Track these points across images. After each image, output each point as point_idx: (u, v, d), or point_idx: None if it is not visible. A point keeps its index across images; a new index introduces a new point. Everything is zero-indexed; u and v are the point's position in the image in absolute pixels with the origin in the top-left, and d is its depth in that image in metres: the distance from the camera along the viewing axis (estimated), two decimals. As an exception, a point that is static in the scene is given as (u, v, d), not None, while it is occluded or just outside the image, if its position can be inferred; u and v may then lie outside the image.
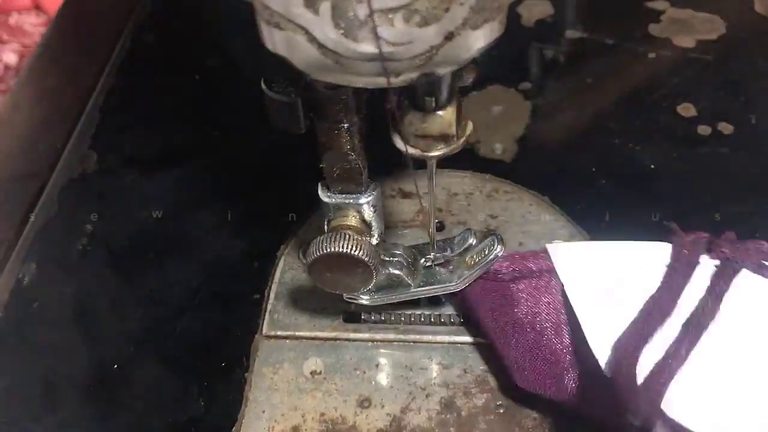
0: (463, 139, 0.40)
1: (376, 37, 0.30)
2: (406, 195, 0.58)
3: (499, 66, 0.68)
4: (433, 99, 0.37)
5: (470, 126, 0.40)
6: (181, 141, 0.65)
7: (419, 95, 0.37)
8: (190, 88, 0.70)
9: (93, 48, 0.76)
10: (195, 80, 0.70)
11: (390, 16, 0.29)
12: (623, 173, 0.59)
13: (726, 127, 0.61)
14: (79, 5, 0.84)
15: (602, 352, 0.41)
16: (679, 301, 0.42)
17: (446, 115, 0.38)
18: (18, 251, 0.58)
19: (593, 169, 0.60)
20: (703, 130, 0.61)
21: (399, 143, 0.39)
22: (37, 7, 1.54)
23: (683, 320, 0.41)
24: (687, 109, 0.63)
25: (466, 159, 0.60)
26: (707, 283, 0.42)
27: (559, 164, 0.61)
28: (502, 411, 0.46)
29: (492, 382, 0.47)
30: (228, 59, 0.72)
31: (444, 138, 0.39)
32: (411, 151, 0.39)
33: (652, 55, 0.68)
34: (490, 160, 0.60)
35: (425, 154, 0.40)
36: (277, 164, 0.60)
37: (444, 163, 0.40)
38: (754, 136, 0.61)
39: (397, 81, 0.32)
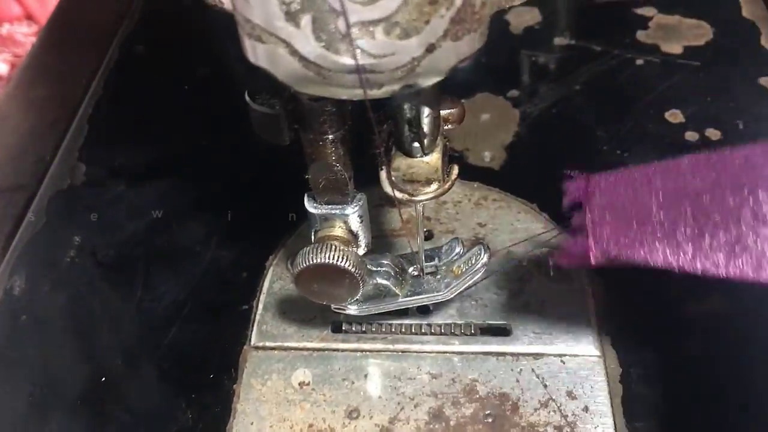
0: (449, 184, 0.41)
1: (355, 49, 0.30)
2: (393, 204, 0.58)
3: (487, 74, 0.68)
4: (420, 145, 0.38)
5: (456, 170, 0.41)
6: (170, 152, 0.65)
7: (405, 142, 0.38)
8: (178, 99, 0.70)
9: (82, 59, 0.76)
10: (183, 91, 0.70)
11: (371, 28, 0.30)
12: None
13: (714, 133, 0.61)
14: (68, 16, 0.84)
15: None
16: None
17: (432, 161, 0.39)
18: (6, 263, 0.58)
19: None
20: (691, 135, 0.61)
21: (387, 187, 0.40)
22: (29, 18, 1.54)
23: None
24: (675, 116, 0.63)
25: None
26: None
27: (547, 172, 0.61)
28: (490, 420, 0.46)
29: (481, 391, 0.47)
30: (216, 70, 0.72)
31: (430, 182, 0.40)
32: (398, 195, 0.40)
33: (640, 62, 0.68)
34: (478, 168, 0.60)
35: (412, 198, 0.40)
36: (266, 175, 0.60)
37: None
38: (742, 142, 0.61)
39: (379, 93, 0.33)
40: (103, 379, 0.50)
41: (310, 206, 0.44)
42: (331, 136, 0.39)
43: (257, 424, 0.46)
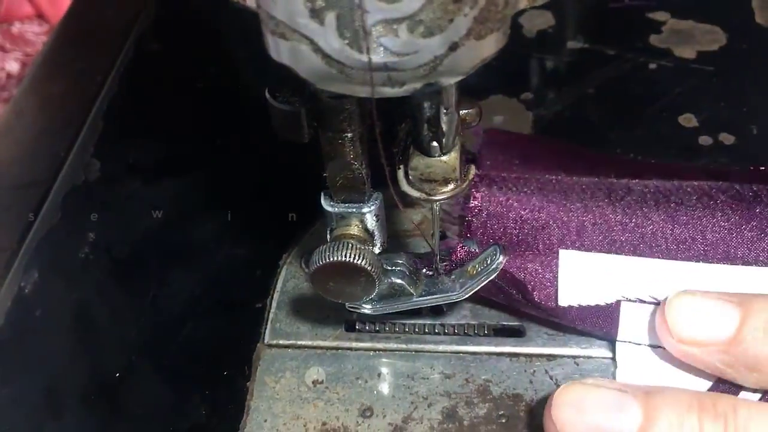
0: (465, 184, 0.41)
1: (375, 47, 0.30)
2: (407, 204, 0.58)
3: (500, 76, 0.68)
4: (438, 144, 0.38)
5: (473, 170, 0.41)
6: (185, 149, 0.65)
7: (424, 141, 0.38)
8: (193, 97, 0.70)
9: (97, 56, 0.76)
10: (198, 89, 0.71)
11: (394, 26, 0.30)
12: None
13: (727, 138, 0.61)
14: (83, 13, 0.84)
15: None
16: None
17: (450, 161, 0.39)
18: (20, 259, 0.58)
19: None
20: (704, 140, 0.61)
21: (404, 186, 0.40)
22: (40, 17, 1.55)
23: None
24: (688, 120, 0.63)
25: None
26: None
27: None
28: (504, 421, 0.46)
29: (494, 391, 0.47)
30: (232, 68, 0.72)
31: (447, 182, 0.40)
32: (416, 194, 0.40)
33: (653, 66, 0.68)
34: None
35: (429, 197, 0.41)
36: (281, 173, 0.60)
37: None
38: (755, 147, 0.61)
39: (401, 91, 0.33)
40: (117, 374, 0.50)
41: (326, 204, 0.44)
42: (350, 135, 0.39)
43: (270, 421, 0.47)
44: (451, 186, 0.40)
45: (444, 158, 0.39)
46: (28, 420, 0.49)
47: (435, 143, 0.38)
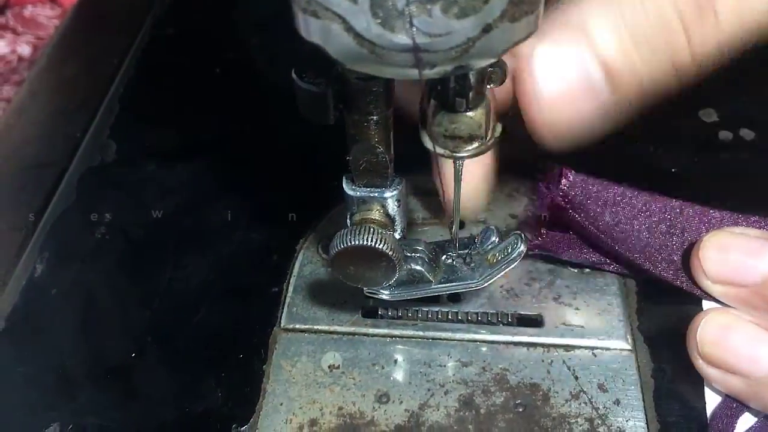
0: (492, 141, 0.40)
1: (411, 28, 0.30)
2: (426, 192, 0.57)
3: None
4: (464, 100, 0.37)
5: (500, 128, 0.40)
6: (201, 133, 0.65)
7: (449, 96, 0.37)
8: (209, 81, 0.70)
9: (112, 39, 0.76)
10: (214, 73, 0.70)
11: (428, 6, 0.29)
12: (643, 177, 0.59)
13: (748, 133, 0.61)
14: (99, -4, 0.84)
15: None
16: None
17: (476, 117, 0.38)
18: (36, 239, 0.58)
19: (613, 173, 0.59)
20: (725, 135, 0.61)
21: (427, 143, 0.39)
22: (53, 0, 1.54)
23: None
24: (709, 114, 0.62)
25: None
26: None
27: (579, 166, 0.60)
28: (521, 410, 0.46)
29: (511, 380, 0.47)
30: (247, 52, 0.72)
31: (473, 139, 0.39)
32: (439, 150, 0.39)
33: (673, 60, 0.68)
34: (511, 160, 0.60)
35: (453, 154, 0.40)
36: (297, 158, 0.60)
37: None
38: (776, 143, 0.61)
39: (431, 73, 0.32)
40: (133, 355, 0.50)
41: (348, 188, 0.44)
42: (375, 117, 0.39)
43: (286, 404, 0.46)
44: (476, 144, 0.39)
45: (470, 113, 0.38)
46: (42, 399, 0.49)
47: (461, 98, 0.37)
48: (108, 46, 0.76)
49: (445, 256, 0.48)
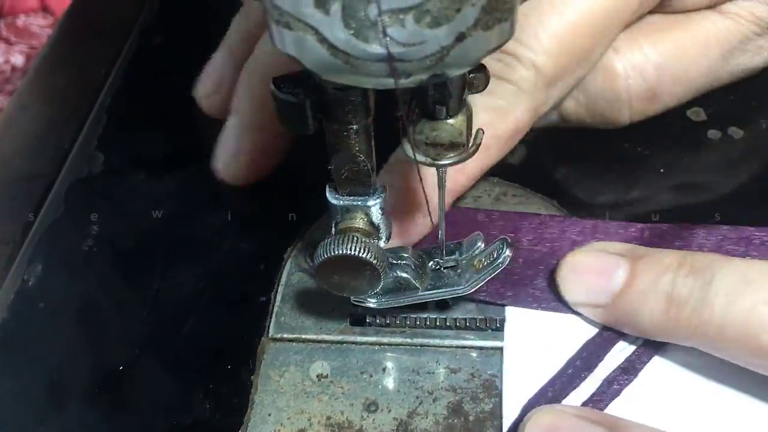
0: (473, 148, 0.40)
1: (384, 38, 0.30)
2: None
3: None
4: (444, 107, 0.37)
5: (481, 135, 0.40)
6: (189, 142, 0.65)
7: (429, 103, 0.37)
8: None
9: (100, 49, 0.76)
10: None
11: (401, 16, 0.29)
12: (631, 177, 0.59)
13: (736, 132, 0.61)
14: (87, 6, 0.84)
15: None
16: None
17: (456, 124, 0.38)
18: (24, 251, 0.58)
19: (602, 172, 0.59)
20: (713, 134, 0.61)
21: (409, 151, 0.39)
22: (45, 9, 1.55)
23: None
24: (697, 113, 0.62)
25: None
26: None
27: (567, 168, 0.60)
28: (509, 416, 0.45)
29: (500, 387, 0.47)
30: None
31: (454, 146, 0.39)
32: (420, 159, 0.39)
33: (661, 59, 0.68)
34: (498, 163, 0.60)
35: (435, 162, 0.40)
36: (285, 166, 0.60)
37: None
38: (765, 141, 0.61)
39: (406, 82, 0.32)
40: (121, 368, 0.50)
41: (331, 197, 0.44)
42: (355, 126, 0.39)
43: (275, 415, 0.46)
44: (457, 151, 0.39)
45: (450, 121, 0.38)
46: (30, 413, 0.49)
47: (441, 105, 0.37)
48: (96, 55, 0.76)
49: (431, 263, 0.48)
